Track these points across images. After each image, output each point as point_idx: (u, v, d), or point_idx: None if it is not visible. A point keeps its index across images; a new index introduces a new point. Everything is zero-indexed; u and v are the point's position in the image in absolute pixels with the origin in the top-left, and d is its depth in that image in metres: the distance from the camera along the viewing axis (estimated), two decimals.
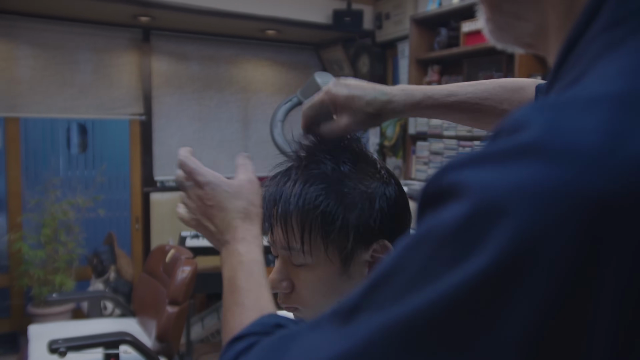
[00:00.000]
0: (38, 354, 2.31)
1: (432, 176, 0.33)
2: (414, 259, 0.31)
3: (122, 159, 4.41)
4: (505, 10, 0.42)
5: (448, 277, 0.29)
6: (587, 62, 0.32)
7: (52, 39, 3.86)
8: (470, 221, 0.28)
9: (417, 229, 0.33)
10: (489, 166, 0.29)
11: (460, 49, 3.22)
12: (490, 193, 0.28)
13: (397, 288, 0.32)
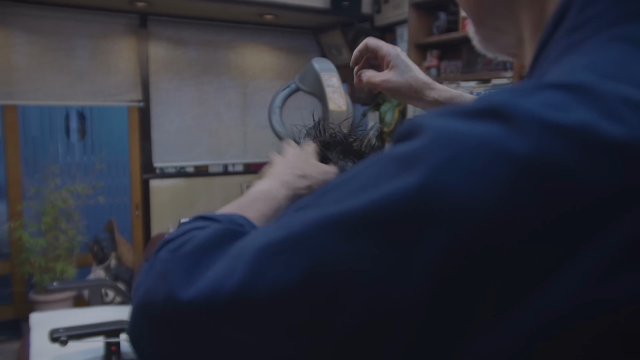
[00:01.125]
0: (40, 342, 2.33)
1: (408, 121, 0.36)
2: (365, 172, 0.35)
3: (121, 145, 4.40)
4: (487, 24, 0.47)
5: (383, 188, 0.32)
6: (550, 61, 0.37)
7: (48, 26, 3.83)
8: (416, 150, 0.32)
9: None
10: (454, 118, 0.32)
11: (459, 33, 3.20)
12: (442, 133, 0.31)
13: (340, 193, 0.35)
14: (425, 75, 0.88)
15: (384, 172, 0.33)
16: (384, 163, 0.34)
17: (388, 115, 3.78)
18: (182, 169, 4.42)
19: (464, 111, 0.32)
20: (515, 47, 0.46)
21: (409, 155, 0.32)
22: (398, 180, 0.31)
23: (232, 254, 0.40)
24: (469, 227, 0.29)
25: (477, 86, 3.09)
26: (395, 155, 0.33)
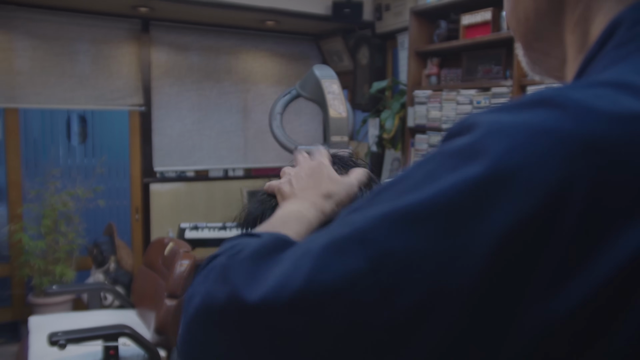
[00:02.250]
0: (38, 345, 2.33)
1: (457, 121, 0.39)
2: (421, 169, 0.37)
3: (121, 149, 4.41)
4: (536, 48, 0.51)
5: (446, 179, 0.34)
6: (597, 71, 0.40)
7: (50, 30, 3.85)
8: (475, 143, 0.34)
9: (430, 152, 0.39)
10: (503, 112, 0.36)
11: (459, 41, 3.21)
12: (497, 125, 0.34)
13: (397, 191, 0.37)
14: None
15: (443, 166, 0.35)
16: (440, 159, 0.36)
17: (388, 122, 3.79)
18: (182, 174, 4.43)
19: (512, 106, 0.36)
20: (559, 70, 0.50)
21: (466, 149, 0.35)
22: (461, 172, 0.34)
23: (295, 255, 0.40)
24: (533, 205, 0.32)
25: (477, 94, 3.11)
26: (451, 150, 0.36)
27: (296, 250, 0.41)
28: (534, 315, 0.32)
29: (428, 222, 0.34)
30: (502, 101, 2.95)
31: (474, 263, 0.32)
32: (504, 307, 0.32)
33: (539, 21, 0.48)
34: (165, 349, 2.42)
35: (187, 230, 3.77)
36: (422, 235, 0.34)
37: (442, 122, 3.38)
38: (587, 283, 0.31)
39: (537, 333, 0.32)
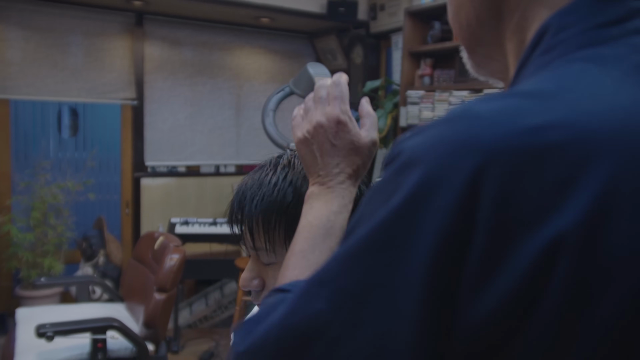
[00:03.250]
0: (25, 337, 2.32)
1: (389, 150, 0.42)
2: (363, 209, 0.41)
3: (113, 143, 4.39)
4: (478, 52, 0.53)
5: (380, 211, 0.37)
6: (524, 77, 0.43)
7: (43, 21, 3.82)
8: (398, 171, 0.38)
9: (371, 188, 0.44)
10: (417, 134, 0.39)
11: (453, 43, 3.23)
12: (413, 150, 0.37)
13: (352, 228, 0.41)
14: None
15: (378, 200, 0.39)
16: (375, 193, 0.40)
17: (381, 121, 3.81)
18: (173, 169, 4.42)
19: (427, 126, 0.39)
20: (503, 72, 0.52)
21: (391, 180, 0.39)
22: (387, 205, 0.37)
23: (278, 304, 0.45)
24: (446, 225, 0.35)
25: (470, 95, 3.13)
26: (381, 184, 0.40)
27: (282, 299, 0.45)
28: (463, 320, 0.34)
29: (367, 257, 0.37)
30: None
31: (412, 284, 0.35)
32: (442, 321, 0.35)
33: (480, 28, 0.50)
34: (153, 343, 2.41)
35: (177, 225, 3.76)
36: (363, 269, 0.37)
37: None
38: (496, 291, 0.33)
39: (466, 336, 0.34)
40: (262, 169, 0.74)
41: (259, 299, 0.74)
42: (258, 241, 0.71)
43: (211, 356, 3.44)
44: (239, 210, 0.72)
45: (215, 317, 4.04)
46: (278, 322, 0.42)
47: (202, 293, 4.12)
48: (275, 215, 0.69)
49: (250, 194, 0.71)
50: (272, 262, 0.71)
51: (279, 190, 0.70)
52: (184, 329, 3.86)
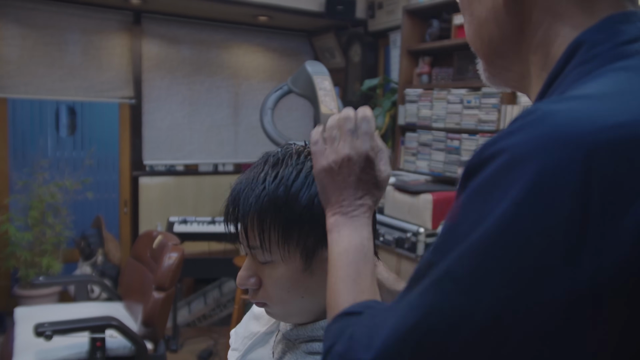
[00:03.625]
0: (24, 336, 2.32)
1: (470, 159, 0.45)
2: (464, 215, 0.43)
3: (111, 142, 4.39)
4: (497, 64, 0.59)
5: (499, 207, 0.40)
6: (567, 85, 0.48)
7: (40, 19, 3.82)
8: (504, 170, 0.41)
9: (466, 191, 0.44)
10: (509, 136, 0.42)
11: (451, 41, 3.23)
12: (517, 148, 0.41)
13: (461, 234, 0.43)
14: None
15: (487, 199, 0.42)
16: (478, 196, 0.43)
17: (379, 119, 3.81)
18: (172, 167, 4.42)
19: (522, 126, 0.43)
20: (517, 81, 0.58)
21: (500, 178, 0.42)
22: (505, 201, 0.40)
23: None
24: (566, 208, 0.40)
25: (468, 94, 3.13)
26: (486, 182, 0.43)
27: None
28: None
29: (499, 249, 0.40)
30: (492, 101, 2.98)
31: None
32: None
33: (502, 43, 0.56)
34: (152, 341, 2.41)
35: (175, 224, 3.76)
36: (498, 260, 0.40)
37: (433, 120, 3.40)
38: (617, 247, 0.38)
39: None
40: (255, 168, 0.74)
41: (256, 297, 0.74)
42: (253, 240, 0.71)
43: (210, 355, 3.44)
44: (233, 210, 0.72)
45: (214, 316, 4.04)
46: (410, 325, 0.43)
47: (201, 292, 4.12)
48: (269, 214, 0.69)
49: (245, 194, 0.71)
50: (267, 260, 0.71)
51: (272, 190, 0.69)
52: (182, 327, 3.86)
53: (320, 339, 0.74)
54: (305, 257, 0.70)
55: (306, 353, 0.74)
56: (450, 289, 0.41)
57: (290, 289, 0.71)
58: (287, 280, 0.71)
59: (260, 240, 0.70)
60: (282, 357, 0.77)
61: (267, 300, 0.73)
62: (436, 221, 2.76)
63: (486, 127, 3.01)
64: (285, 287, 0.71)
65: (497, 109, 2.95)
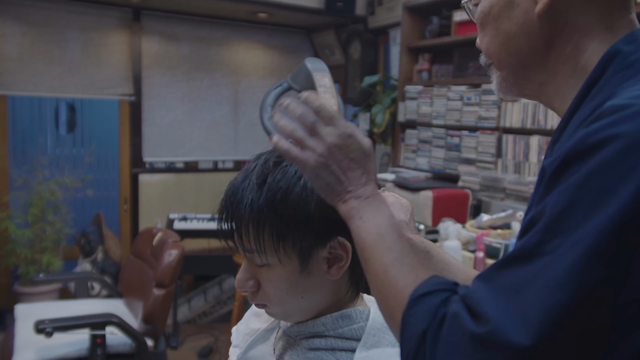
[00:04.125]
0: (24, 333, 2.32)
1: (568, 148, 0.48)
2: (585, 193, 0.45)
3: (111, 139, 4.38)
4: (519, 75, 0.64)
5: (626, 189, 0.43)
6: (613, 86, 0.53)
7: (40, 16, 3.81)
8: (624, 154, 0.44)
9: (572, 177, 0.46)
10: (625, 122, 0.45)
11: (451, 38, 3.23)
12: (636, 133, 0.44)
13: (581, 213, 0.44)
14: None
15: (606, 182, 0.44)
16: (597, 177, 0.45)
17: (379, 116, 3.80)
18: (171, 165, 4.42)
19: (630, 115, 0.46)
20: (534, 90, 0.64)
21: (621, 163, 0.44)
22: (626, 189, 0.43)
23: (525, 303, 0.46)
24: None
25: (468, 90, 3.13)
26: (605, 165, 0.45)
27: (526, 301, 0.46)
28: None
29: (618, 245, 0.43)
30: (492, 98, 2.97)
31: None
32: None
33: (532, 55, 0.61)
34: (152, 338, 2.42)
35: (176, 221, 3.76)
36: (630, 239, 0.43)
37: (433, 117, 3.39)
38: None
39: None
40: (247, 171, 0.73)
41: (255, 298, 0.74)
42: (248, 244, 0.71)
43: (210, 351, 3.45)
44: (227, 215, 0.72)
45: (214, 313, 4.04)
46: (566, 302, 0.43)
47: (201, 289, 4.13)
48: (263, 218, 0.69)
49: (238, 198, 0.70)
50: (264, 263, 0.71)
51: (265, 193, 0.68)
52: (183, 324, 3.87)
53: (321, 335, 0.74)
54: (302, 258, 0.70)
55: (307, 349, 0.74)
56: (596, 264, 0.43)
57: (289, 290, 0.71)
58: (285, 282, 0.71)
59: (255, 244, 0.70)
60: (283, 353, 0.77)
61: (267, 301, 0.73)
62: (436, 218, 2.76)
63: (486, 124, 3.01)
64: (283, 288, 0.71)
65: (497, 106, 2.95)
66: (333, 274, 0.71)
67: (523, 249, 0.47)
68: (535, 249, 0.46)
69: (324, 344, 0.73)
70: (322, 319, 0.74)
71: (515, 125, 2.83)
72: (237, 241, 0.72)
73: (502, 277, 0.47)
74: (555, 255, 0.44)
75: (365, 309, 0.75)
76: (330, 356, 0.72)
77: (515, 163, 2.85)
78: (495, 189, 2.84)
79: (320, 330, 0.74)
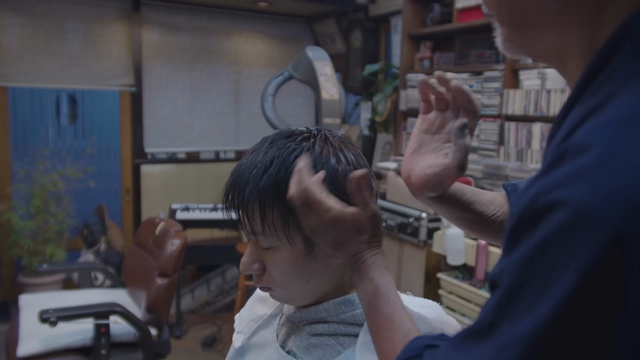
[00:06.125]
0: (29, 323, 2.34)
1: (524, 204, 0.41)
2: (530, 275, 0.40)
3: (112, 130, 4.38)
4: (527, 34, 0.51)
5: (562, 282, 0.37)
6: (616, 84, 0.42)
7: (39, 7, 3.79)
8: (571, 228, 0.37)
9: (524, 247, 0.40)
10: (575, 182, 0.37)
11: (452, 25, 3.21)
12: (584, 203, 0.36)
13: (527, 300, 0.40)
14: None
15: (552, 263, 0.38)
16: (542, 256, 0.39)
17: (380, 105, 3.79)
18: (173, 155, 4.42)
19: (580, 172, 0.38)
20: (547, 54, 0.51)
21: (565, 237, 0.37)
22: (573, 269, 0.37)
23: None
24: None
25: (470, 78, 3.11)
26: (549, 241, 0.38)
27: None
28: None
29: (563, 335, 0.38)
30: (494, 85, 2.96)
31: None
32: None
33: (539, 12, 0.48)
34: (156, 327, 2.43)
35: (178, 211, 3.77)
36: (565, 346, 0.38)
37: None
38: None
39: None
40: (254, 152, 0.73)
41: (260, 281, 0.74)
42: (255, 226, 0.70)
43: (214, 341, 3.47)
44: (233, 195, 0.71)
45: (217, 303, 4.06)
46: None
47: (204, 279, 4.14)
48: (270, 198, 0.68)
49: (244, 178, 0.70)
50: (271, 246, 0.71)
51: (272, 173, 0.68)
52: (186, 314, 3.89)
53: (323, 320, 0.74)
54: (308, 241, 0.69)
55: (310, 335, 0.74)
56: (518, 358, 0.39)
57: (294, 273, 0.71)
58: (290, 265, 0.71)
59: (262, 225, 0.69)
60: (286, 339, 0.78)
61: (271, 284, 0.73)
62: None
63: (488, 111, 3.00)
64: (289, 271, 0.71)
65: (499, 93, 2.93)
66: (339, 258, 0.71)
67: (479, 325, 0.45)
68: (488, 329, 0.43)
69: (327, 329, 0.73)
70: (325, 305, 0.74)
71: (518, 113, 2.82)
72: (243, 223, 0.72)
73: (460, 351, 0.46)
74: (503, 341, 0.41)
75: None
76: (333, 341, 0.72)
77: (517, 150, 2.84)
78: (497, 177, 2.83)
79: (323, 316, 0.74)
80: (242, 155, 4.75)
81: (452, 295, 2.68)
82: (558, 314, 0.37)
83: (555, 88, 2.64)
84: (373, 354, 0.66)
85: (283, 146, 0.70)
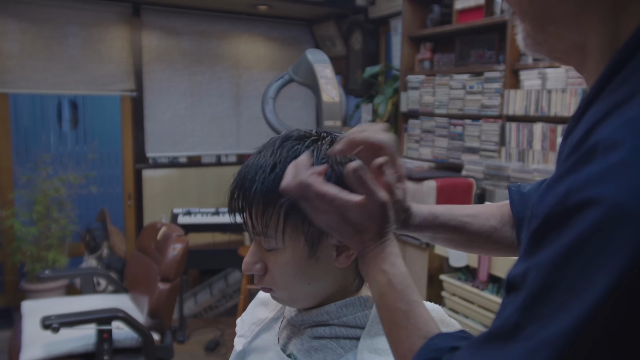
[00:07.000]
0: (31, 329, 2.33)
1: (552, 203, 0.40)
2: (561, 276, 0.38)
3: (113, 135, 4.39)
4: (548, 30, 0.50)
5: (598, 282, 0.35)
6: (638, 82, 0.41)
7: (39, 13, 3.80)
8: (604, 226, 0.35)
9: (551, 247, 0.39)
10: (608, 179, 0.36)
11: (452, 26, 3.21)
12: (619, 201, 0.35)
13: (558, 301, 0.38)
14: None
15: (585, 263, 0.37)
16: (574, 255, 0.37)
17: (381, 107, 3.79)
18: (174, 159, 4.42)
19: (612, 169, 0.37)
20: (564, 52, 0.51)
21: (598, 238, 0.36)
22: (607, 270, 0.35)
23: None
24: None
25: (470, 79, 3.11)
26: (583, 241, 0.37)
27: None
28: None
29: (598, 337, 0.36)
30: (494, 86, 2.95)
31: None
32: None
33: (561, 7, 0.47)
34: (158, 333, 2.42)
35: (180, 216, 3.77)
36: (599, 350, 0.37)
37: (435, 107, 3.38)
38: None
39: None
40: (260, 153, 0.73)
41: (262, 282, 0.74)
42: (258, 227, 0.70)
43: (217, 345, 3.46)
44: (239, 195, 0.71)
45: (220, 307, 4.05)
46: None
47: (206, 283, 4.14)
48: (274, 200, 0.68)
49: (250, 179, 0.70)
50: (273, 247, 0.71)
51: (277, 175, 0.68)
52: (189, 318, 3.88)
53: (325, 323, 0.73)
54: (311, 244, 0.69)
55: (311, 338, 0.74)
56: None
57: (296, 275, 0.71)
58: (292, 267, 0.70)
59: (264, 226, 0.69)
60: (287, 342, 0.77)
61: (273, 285, 0.73)
62: None
63: (489, 112, 3.00)
64: (290, 273, 0.71)
65: (500, 94, 2.93)
66: (341, 262, 0.70)
67: (502, 327, 0.43)
68: (512, 332, 0.41)
69: (329, 332, 0.73)
70: (326, 308, 0.73)
71: (519, 113, 2.81)
72: (246, 223, 0.72)
73: (483, 353, 0.45)
74: (533, 343, 0.40)
75: (369, 297, 0.74)
76: (334, 344, 0.72)
77: (519, 151, 2.83)
78: (499, 177, 2.82)
79: (325, 319, 0.73)
80: (243, 159, 4.75)
81: (455, 297, 2.67)
82: (593, 315, 0.36)
83: (556, 88, 2.64)
84: (375, 356, 0.65)
85: (291, 148, 0.70)
